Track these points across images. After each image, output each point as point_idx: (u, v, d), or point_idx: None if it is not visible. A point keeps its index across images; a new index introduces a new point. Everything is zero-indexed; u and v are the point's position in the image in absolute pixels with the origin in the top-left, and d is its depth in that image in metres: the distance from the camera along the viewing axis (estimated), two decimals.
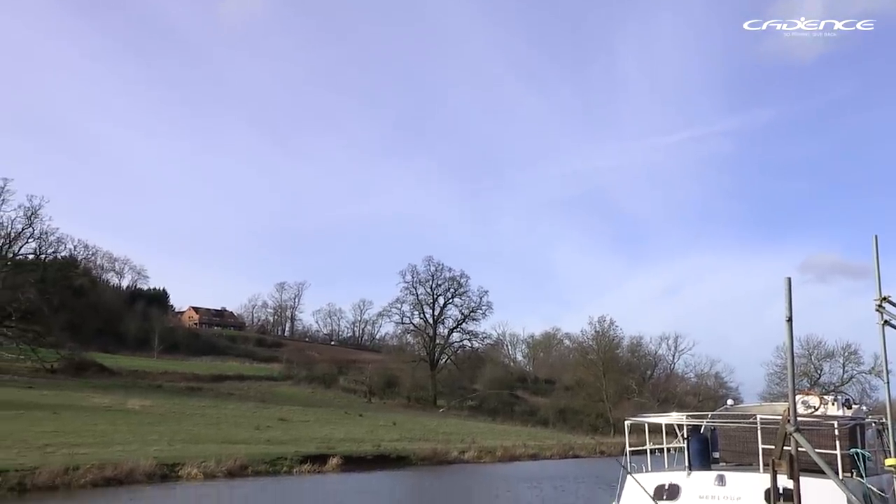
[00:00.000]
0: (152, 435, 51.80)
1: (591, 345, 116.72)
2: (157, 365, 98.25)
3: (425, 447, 60.14)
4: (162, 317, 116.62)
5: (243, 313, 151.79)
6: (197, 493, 35.36)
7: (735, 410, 18.02)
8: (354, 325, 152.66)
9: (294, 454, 48.25)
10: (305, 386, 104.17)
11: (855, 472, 14.05)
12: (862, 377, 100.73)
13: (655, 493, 14.25)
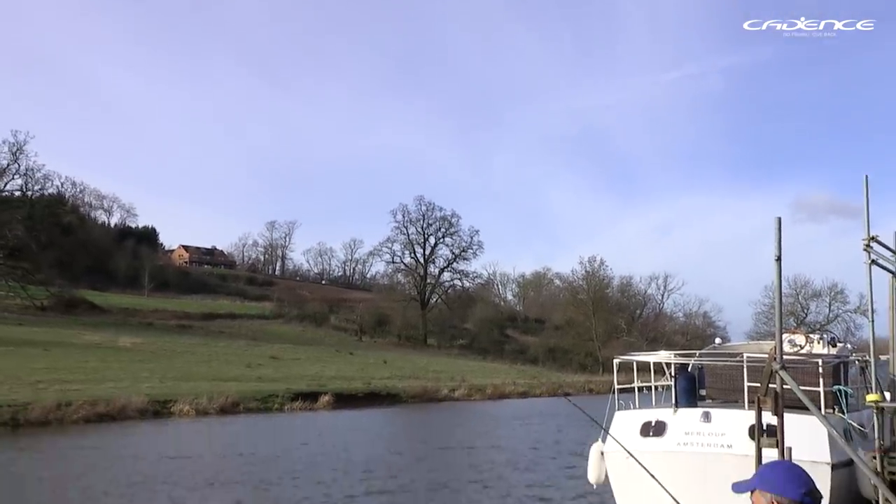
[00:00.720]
0: (144, 372, 52.15)
1: (581, 284, 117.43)
2: (147, 303, 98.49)
3: (415, 385, 60.81)
4: (152, 255, 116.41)
5: (234, 252, 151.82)
6: (189, 429, 35.76)
7: (722, 349, 18.18)
8: (345, 264, 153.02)
9: (285, 392, 48.71)
10: (296, 324, 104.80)
11: (837, 408, 14.26)
12: (847, 316, 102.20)
13: (642, 429, 14.42)
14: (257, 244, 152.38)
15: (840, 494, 12.37)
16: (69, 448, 28.01)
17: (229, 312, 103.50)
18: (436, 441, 31.75)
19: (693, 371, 16.45)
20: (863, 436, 14.13)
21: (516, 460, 24.98)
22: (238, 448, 27.74)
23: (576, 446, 25.39)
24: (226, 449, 27.39)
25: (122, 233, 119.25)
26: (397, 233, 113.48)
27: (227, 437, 32.18)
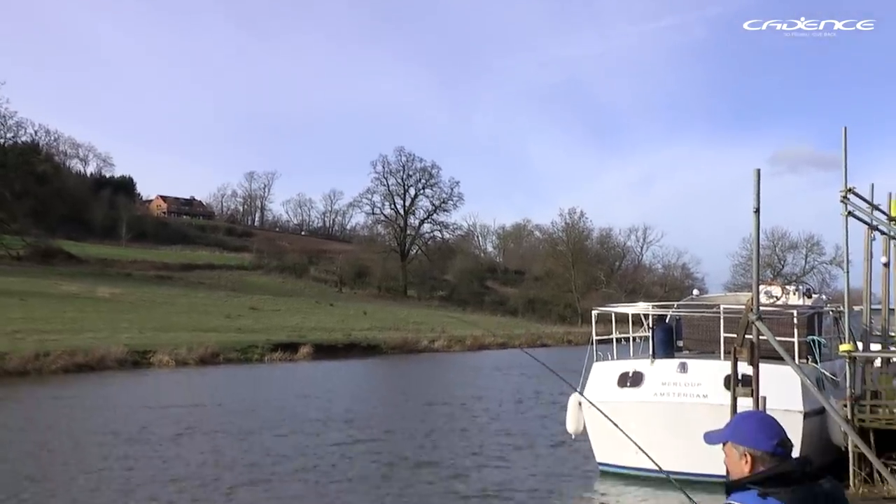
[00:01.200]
0: (123, 323, 51.96)
1: (560, 236, 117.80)
2: (125, 253, 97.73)
3: (395, 336, 61.11)
4: (129, 205, 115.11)
5: (212, 203, 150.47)
6: (169, 379, 35.78)
7: (700, 301, 18.35)
8: (325, 215, 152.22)
9: (265, 342, 48.78)
10: (276, 275, 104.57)
11: (811, 358, 14.50)
12: (823, 267, 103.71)
13: (619, 380, 14.60)
14: (236, 195, 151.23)
15: (811, 442, 12.62)
16: (48, 398, 27.97)
17: (208, 263, 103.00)
18: (416, 391, 32.02)
19: (671, 322, 16.62)
20: (835, 384, 14.40)
21: (496, 410, 25.27)
22: (218, 398, 27.83)
23: (556, 397, 25.70)
24: (205, 399, 27.46)
25: (98, 182, 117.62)
26: (377, 184, 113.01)
27: (206, 388, 32.26)
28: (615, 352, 15.64)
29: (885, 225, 14.52)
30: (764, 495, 2.86)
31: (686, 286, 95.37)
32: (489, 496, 13.42)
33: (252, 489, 13.83)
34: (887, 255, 15.43)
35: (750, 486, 2.93)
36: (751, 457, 3.02)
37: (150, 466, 15.62)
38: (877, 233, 14.56)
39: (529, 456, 17.12)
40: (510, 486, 14.11)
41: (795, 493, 2.86)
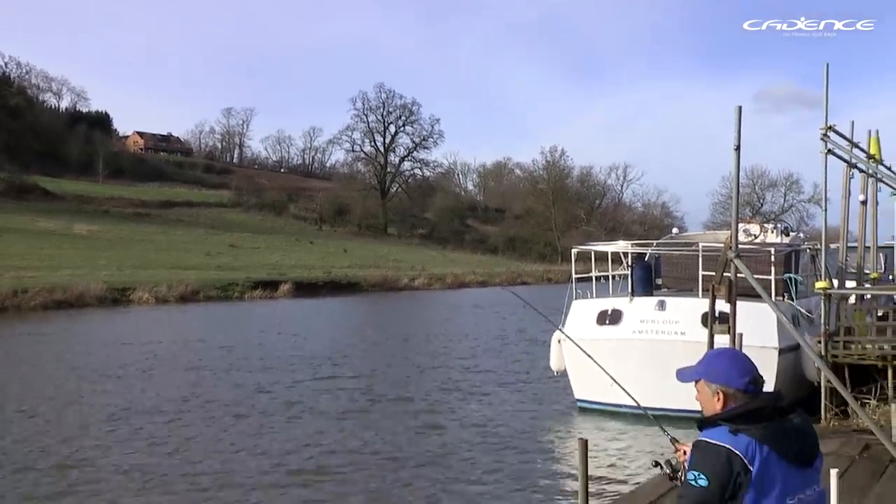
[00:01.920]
0: (101, 260, 51.66)
1: (541, 174, 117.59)
2: (102, 190, 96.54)
3: (376, 274, 61.24)
4: (105, 141, 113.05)
5: (190, 139, 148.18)
6: (149, 316, 35.75)
7: (679, 239, 18.43)
8: (304, 152, 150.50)
9: (245, 280, 48.75)
10: (255, 213, 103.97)
11: (787, 295, 14.67)
12: (801, 206, 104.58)
13: (598, 317, 14.70)
14: (214, 131, 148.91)
15: (786, 377, 12.84)
16: (26, 334, 27.90)
17: (187, 200, 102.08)
18: (396, 329, 32.22)
19: (650, 261, 16.70)
20: (810, 321, 14.60)
21: (477, 348, 25.49)
22: (199, 335, 27.87)
23: (537, 334, 25.94)
24: (186, 336, 27.50)
25: (73, 118, 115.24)
26: (357, 121, 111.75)
27: (187, 325, 32.29)
28: (594, 290, 15.72)
29: (863, 163, 14.54)
30: (735, 431, 2.88)
31: (665, 225, 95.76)
32: (468, 430, 13.61)
33: (232, 423, 13.92)
34: (865, 193, 15.51)
35: (721, 422, 2.96)
36: (723, 394, 3.04)
37: (130, 400, 15.66)
38: (855, 171, 14.58)
39: (509, 392, 17.34)
40: (489, 421, 14.31)
41: (766, 429, 2.88)
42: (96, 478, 10.58)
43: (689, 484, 2.91)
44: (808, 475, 2.96)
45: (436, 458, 11.76)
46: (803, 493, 2.91)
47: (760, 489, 2.83)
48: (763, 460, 2.84)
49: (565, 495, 9.90)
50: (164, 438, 12.84)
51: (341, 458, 11.71)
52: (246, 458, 11.72)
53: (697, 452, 2.95)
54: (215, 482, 10.43)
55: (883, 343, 12.39)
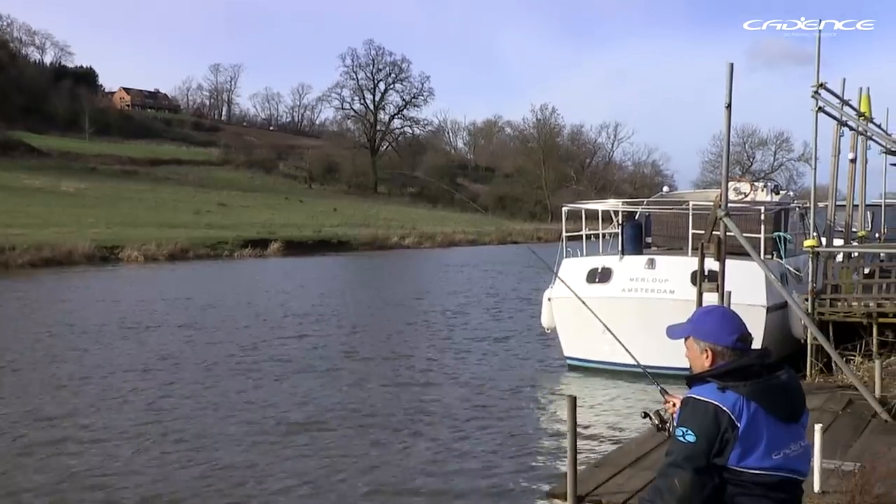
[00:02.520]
0: (89, 218, 51.37)
1: (532, 133, 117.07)
2: (89, 147, 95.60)
3: (366, 233, 61.17)
4: (91, 97, 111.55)
5: (177, 96, 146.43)
6: (139, 275, 35.68)
7: (669, 197, 18.44)
8: (293, 110, 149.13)
9: (235, 238, 48.63)
10: (245, 171, 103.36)
11: (776, 253, 14.75)
12: (791, 164, 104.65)
13: (588, 276, 14.75)
14: (202, 88, 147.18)
15: (774, 335, 12.97)
16: (11, 290, 27.79)
17: (175, 158, 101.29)
18: (387, 288, 32.30)
19: (640, 219, 16.71)
20: (798, 279, 14.71)
21: (467, 306, 25.59)
22: (186, 293, 27.84)
23: (529, 293, 26.08)
24: (174, 294, 27.48)
25: (57, 73, 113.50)
26: (346, 78, 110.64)
27: (175, 283, 32.24)
28: (584, 248, 15.76)
29: (854, 121, 14.53)
30: (723, 388, 2.92)
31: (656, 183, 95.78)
32: (457, 387, 13.73)
33: (219, 380, 13.97)
34: (854, 151, 15.52)
35: (710, 379, 2.99)
36: (711, 352, 3.07)
37: (115, 357, 15.70)
38: (845, 129, 14.57)
39: (499, 350, 17.46)
40: (478, 379, 14.42)
41: (754, 386, 2.92)
42: (82, 436, 10.64)
43: (677, 439, 2.95)
44: (794, 430, 3.00)
45: (424, 415, 11.87)
46: (789, 447, 2.95)
47: (747, 445, 2.87)
48: (750, 416, 2.88)
49: (554, 451, 10.02)
50: (149, 396, 12.89)
51: (327, 415, 11.80)
52: (231, 414, 11.79)
53: (686, 409, 2.99)
54: (199, 438, 10.51)
55: (868, 301, 12.51)
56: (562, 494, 5.52)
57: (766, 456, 2.89)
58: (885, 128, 17.33)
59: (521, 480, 8.97)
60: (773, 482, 2.92)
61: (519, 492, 8.58)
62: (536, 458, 9.85)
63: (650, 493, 3.09)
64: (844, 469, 5.94)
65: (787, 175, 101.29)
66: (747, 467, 2.89)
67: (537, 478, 9.01)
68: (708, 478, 2.90)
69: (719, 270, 9.39)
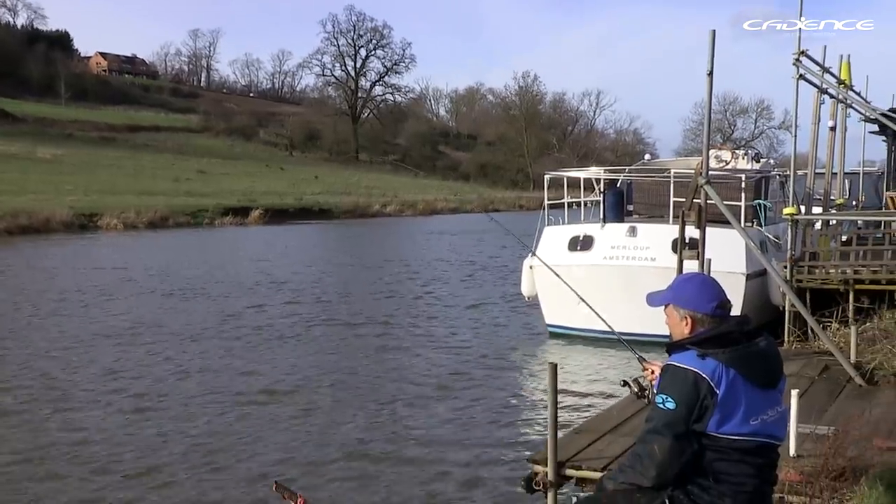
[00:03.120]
0: (67, 185, 50.79)
1: (514, 100, 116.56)
2: (65, 113, 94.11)
3: (347, 201, 60.91)
4: (66, 62, 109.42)
5: (155, 61, 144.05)
6: (118, 242, 35.38)
7: (650, 165, 18.48)
8: (273, 76, 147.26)
9: (215, 206, 48.29)
10: (224, 138, 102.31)
11: (756, 221, 14.86)
12: (771, 132, 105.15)
13: (570, 243, 14.79)
14: (180, 53, 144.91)
15: (752, 302, 13.10)
16: None
17: (154, 125, 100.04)
18: (368, 255, 32.26)
19: (622, 187, 16.75)
20: (778, 247, 14.84)
21: (449, 273, 25.64)
22: (167, 261, 27.67)
23: (510, 261, 26.14)
24: (154, 262, 27.30)
25: (30, 36, 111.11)
26: (327, 44, 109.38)
27: (156, 251, 32.02)
28: (566, 216, 15.79)
29: (834, 88, 14.58)
30: (702, 355, 2.94)
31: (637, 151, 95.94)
32: (437, 354, 13.79)
33: (196, 346, 13.94)
34: (834, 119, 15.60)
35: (689, 346, 3.01)
36: (691, 319, 3.10)
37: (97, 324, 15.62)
38: (826, 96, 14.63)
39: (480, 318, 17.53)
40: (458, 346, 14.49)
41: (733, 353, 2.95)
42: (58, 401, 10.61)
43: (657, 406, 2.98)
44: (772, 396, 3.04)
45: (404, 383, 11.92)
46: (766, 413, 2.99)
47: (726, 411, 2.91)
48: (729, 383, 2.91)
49: (535, 418, 10.12)
50: (125, 362, 12.86)
51: (307, 381, 11.83)
52: (205, 381, 11.78)
53: (666, 376, 3.02)
54: (178, 405, 10.51)
55: (846, 268, 12.64)
56: (542, 460, 5.57)
57: (744, 422, 2.93)
58: (865, 96, 17.42)
59: (502, 447, 9.06)
60: (750, 447, 2.96)
61: (500, 458, 8.67)
62: (517, 425, 9.94)
63: (629, 458, 3.13)
64: (819, 433, 6.04)
65: (767, 143, 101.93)
66: (726, 433, 2.93)
67: (518, 444, 9.10)
68: (687, 444, 2.94)
69: (700, 238, 9.42)
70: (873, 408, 7.11)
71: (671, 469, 2.95)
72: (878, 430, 6.28)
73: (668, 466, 2.95)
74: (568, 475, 5.59)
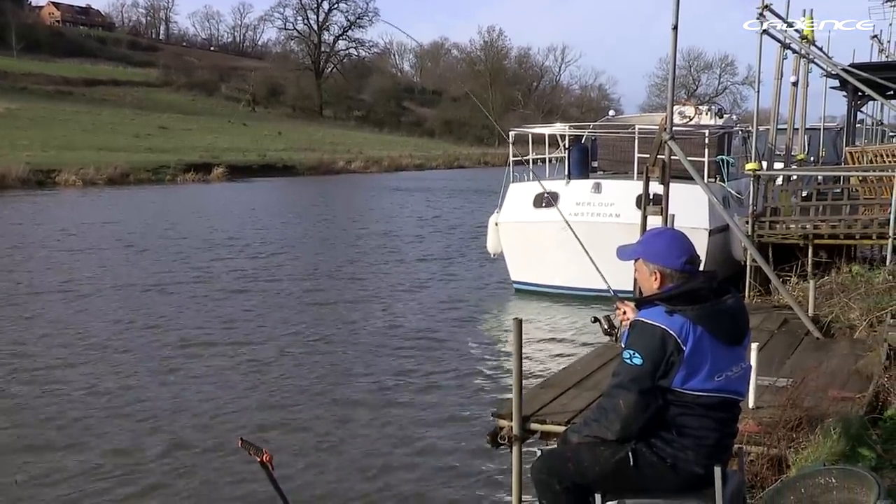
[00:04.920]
0: (22, 140, 49.53)
1: (479, 55, 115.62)
2: (18, 66, 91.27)
3: (311, 157, 60.27)
4: (17, 11, 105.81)
5: (111, 13, 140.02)
6: (78, 200, 34.70)
7: (615, 121, 18.50)
8: (234, 29, 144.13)
9: (177, 162, 47.50)
10: (185, 93, 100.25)
11: (719, 177, 15.01)
12: (735, 88, 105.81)
13: (535, 200, 14.81)
14: (137, 5, 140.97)
15: (715, 257, 13.28)
16: None
17: (112, 79, 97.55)
18: (333, 212, 32.07)
19: (586, 143, 16.77)
20: (739, 202, 15.02)
21: (413, 231, 25.60)
22: (128, 219, 27.23)
23: (476, 217, 26.13)
24: (114, 218, 26.85)
25: None
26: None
27: (118, 207, 31.47)
28: (531, 173, 15.78)
29: (797, 43, 14.66)
30: (671, 312, 2.96)
31: (602, 107, 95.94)
32: (402, 310, 13.81)
33: (146, 303, 13.81)
34: (797, 74, 15.72)
35: (658, 302, 3.03)
36: (660, 274, 3.11)
37: (34, 280, 15.39)
38: (789, 51, 14.71)
39: (445, 274, 17.57)
40: (424, 301, 14.54)
41: (701, 310, 2.97)
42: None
43: (623, 361, 3.01)
44: (737, 353, 3.08)
45: (366, 338, 11.94)
46: (730, 370, 3.04)
47: (691, 367, 2.94)
48: (696, 340, 2.94)
49: (500, 374, 10.22)
50: (69, 319, 12.72)
51: (258, 337, 11.81)
52: (155, 336, 11.71)
53: (633, 332, 3.04)
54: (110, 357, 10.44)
55: (805, 223, 12.86)
56: (507, 415, 5.63)
57: (708, 378, 2.97)
58: (828, 51, 17.55)
59: (467, 402, 9.14)
60: (713, 403, 3.01)
61: (465, 414, 8.76)
62: (482, 381, 10.03)
63: (595, 412, 3.17)
64: (778, 385, 6.17)
65: (731, 98, 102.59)
66: (690, 389, 2.97)
67: (483, 400, 9.19)
68: (652, 398, 2.98)
69: (664, 194, 9.48)
70: (829, 359, 7.27)
71: (635, 423, 2.99)
72: (833, 381, 6.43)
73: (633, 420, 2.99)
74: (533, 429, 5.65)
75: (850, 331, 8.34)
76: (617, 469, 3.04)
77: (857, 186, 14.41)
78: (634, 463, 3.01)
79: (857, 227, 12.51)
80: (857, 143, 18.58)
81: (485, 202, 22.89)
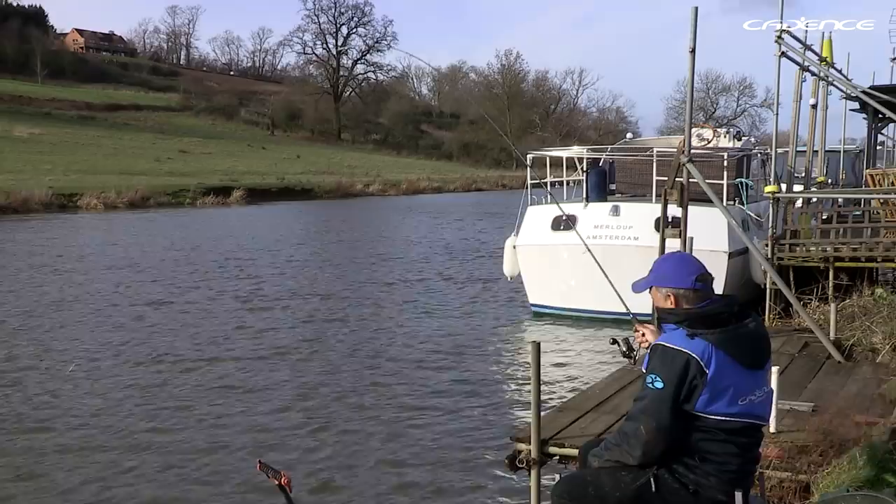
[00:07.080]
0: (45, 164, 50.23)
1: (496, 79, 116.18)
2: (43, 91, 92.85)
3: (330, 180, 60.62)
4: (42, 38, 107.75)
5: (134, 39, 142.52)
6: (99, 223, 35.04)
7: (633, 144, 18.50)
8: (254, 54, 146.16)
9: (197, 186, 47.91)
10: (205, 117, 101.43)
11: (738, 199, 14.94)
12: (753, 110, 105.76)
13: (553, 223, 14.79)
14: (159, 31, 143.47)
15: (734, 280, 13.19)
16: None
17: (133, 104, 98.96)
18: (350, 236, 32.18)
19: (604, 166, 16.76)
20: (759, 225, 14.93)
21: (432, 253, 25.62)
22: (147, 241, 27.46)
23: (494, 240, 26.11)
24: (136, 241, 27.09)
25: (3, 12, 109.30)
26: (308, 22, 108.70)
27: (137, 231, 31.76)
28: (549, 196, 15.79)
29: (815, 66, 14.63)
30: (692, 335, 2.95)
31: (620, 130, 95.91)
32: (419, 335, 13.79)
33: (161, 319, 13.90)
34: (816, 96, 15.67)
35: (679, 325, 3.03)
36: (673, 296, 3.12)
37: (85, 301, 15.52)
38: (807, 74, 14.68)
39: (464, 297, 17.53)
40: (440, 326, 14.50)
41: (722, 334, 2.96)
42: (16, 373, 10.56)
43: (646, 385, 3.00)
44: (759, 377, 3.06)
45: (386, 361, 11.92)
46: (753, 394, 3.02)
47: (714, 392, 2.93)
48: (718, 364, 2.92)
49: (518, 397, 10.17)
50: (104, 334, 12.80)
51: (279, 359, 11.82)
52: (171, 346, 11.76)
53: (655, 356, 3.03)
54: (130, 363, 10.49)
55: (826, 245, 12.75)
56: (525, 438, 5.60)
57: (732, 403, 2.95)
58: (847, 73, 17.50)
59: (486, 425, 9.09)
60: (736, 428, 2.98)
61: (483, 437, 8.71)
62: (501, 404, 9.98)
63: (616, 436, 3.15)
64: (799, 409, 6.11)
65: (749, 121, 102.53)
66: (713, 413, 2.95)
67: (501, 423, 9.14)
68: (674, 424, 2.96)
69: (682, 217, 9.45)
70: (851, 384, 7.19)
71: (657, 448, 2.97)
72: (856, 405, 6.36)
73: (655, 446, 2.97)
74: (551, 452, 5.62)
75: (872, 354, 8.24)
76: (638, 495, 3.01)
77: (878, 209, 14.29)
78: (656, 489, 2.99)
79: (879, 249, 12.39)
80: (877, 166, 18.46)
81: (502, 225, 22.87)
